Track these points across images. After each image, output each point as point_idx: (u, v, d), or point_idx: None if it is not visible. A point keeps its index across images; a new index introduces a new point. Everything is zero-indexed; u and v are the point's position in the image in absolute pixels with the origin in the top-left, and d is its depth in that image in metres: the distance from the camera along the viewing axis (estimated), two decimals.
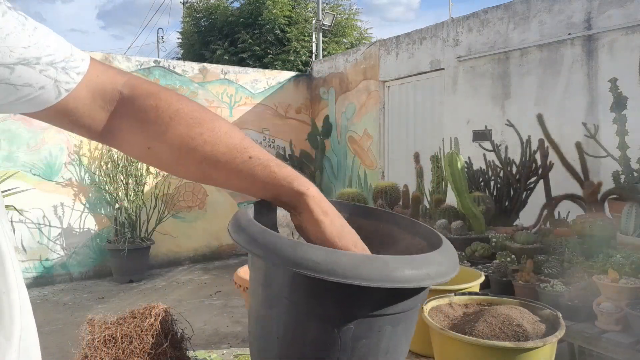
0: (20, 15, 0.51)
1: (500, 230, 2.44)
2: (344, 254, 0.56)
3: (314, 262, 0.53)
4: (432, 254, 0.62)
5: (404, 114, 5.53)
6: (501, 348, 0.87)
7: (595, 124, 2.49)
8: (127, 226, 5.42)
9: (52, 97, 0.54)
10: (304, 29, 10.00)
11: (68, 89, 0.55)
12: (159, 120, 0.60)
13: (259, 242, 0.57)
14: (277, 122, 6.80)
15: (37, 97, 0.53)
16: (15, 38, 0.49)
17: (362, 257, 0.56)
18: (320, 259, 0.53)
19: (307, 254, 0.54)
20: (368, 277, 0.53)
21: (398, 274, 0.54)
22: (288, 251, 0.54)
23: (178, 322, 1.76)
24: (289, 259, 0.54)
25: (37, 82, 0.52)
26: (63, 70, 0.54)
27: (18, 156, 5.07)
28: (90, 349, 1.54)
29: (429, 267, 0.58)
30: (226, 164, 0.62)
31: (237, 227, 0.62)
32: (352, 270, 0.53)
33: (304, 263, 0.53)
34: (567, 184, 2.49)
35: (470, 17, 4.62)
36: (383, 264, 0.55)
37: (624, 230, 1.86)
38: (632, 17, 3.40)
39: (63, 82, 0.54)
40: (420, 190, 2.93)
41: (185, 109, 0.61)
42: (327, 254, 0.54)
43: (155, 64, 5.94)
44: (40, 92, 0.53)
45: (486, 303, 1.09)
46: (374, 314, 0.58)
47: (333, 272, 0.52)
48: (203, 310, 4.34)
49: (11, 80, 0.50)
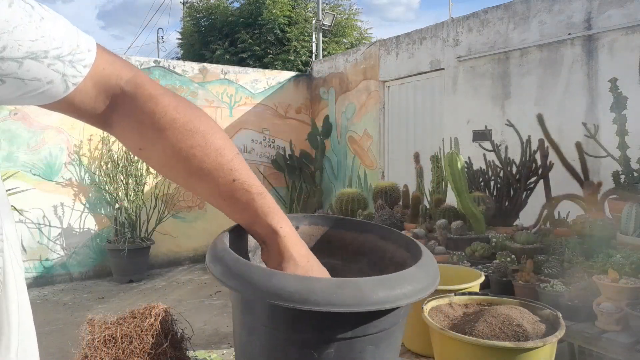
0: (27, 4, 0.50)
1: (500, 230, 2.44)
2: (317, 280, 0.56)
3: (288, 292, 0.53)
4: (408, 271, 0.62)
5: (404, 114, 5.53)
6: (501, 348, 0.87)
7: (595, 124, 2.49)
8: (127, 226, 5.42)
9: (60, 91, 0.54)
10: (304, 29, 10.00)
11: (75, 82, 0.55)
12: (154, 126, 0.60)
13: (233, 273, 0.57)
14: (277, 122, 6.80)
15: (45, 91, 0.53)
16: (22, 31, 0.49)
17: (335, 283, 0.56)
18: (294, 289, 0.53)
19: (281, 284, 0.54)
20: (342, 303, 0.53)
21: (372, 297, 0.54)
22: (262, 282, 0.54)
23: (178, 322, 1.76)
24: (262, 290, 0.54)
25: (45, 77, 0.52)
26: (70, 63, 0.54)
27: (18, 156, 5.07)
28: (90, 349, 1.54)
29: (403, 285, 0.58)
30: (210, 182, 0.63)
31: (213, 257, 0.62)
32: (326, 298, 0.53)
33: (278, 293, 0.53)
34: (567, 184, 2.49)
35: (470, 17, 4.62)
36: (356, 288, 0.55)
37: (624, 230, 1.86)
38: (632, 17, 3.40)
39: (70, 76, 0.54)
40: (420, 190, 2.93)
41: (181, 120, 0.61)
42: (301, 283, 0.55)
43: (155, 64, 5.94)
44: (48, 86, 0.53)
45: (486, 303, 1.09)
46: (353, 336, 0.57)
47: (307, 300, 0.52)
48: (203, 310, 4.34)
49: (19, 75, 0.50)
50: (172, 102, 0.62)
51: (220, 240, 0.65)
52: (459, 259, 2.04)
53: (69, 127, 5.31)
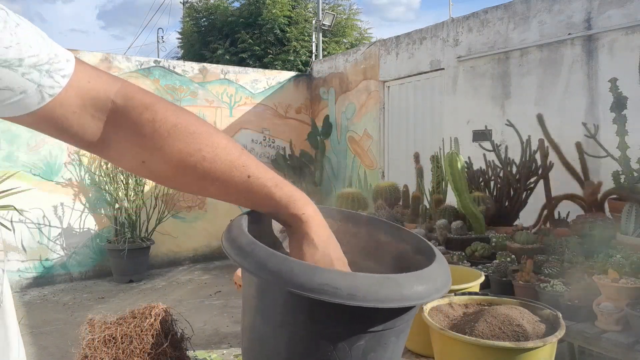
0: (2, 10, 0.48)
1: (500, 230, 2.44)
2: (360, 277, 0.56)
3: (333, 287, 0.53)
4: (434, 267, 0.63)
5: (404, 114, 5.53)
6: (501, 348, 0.87)
7: (595, 124, 2.49)
8: (127, 226, 5.42)
9: (34, 102, 0.51)
10: (304, 29, 10.00)
11: (52, 94, 0.52)
12: (156, 135, 0.58)
13: (268, 268, 0.55)
14: (277, 122, 6.80)
15: (17, 101, 0.50)
16: None
17: (377, 279, 0.56)
18: (340, 284, 0.53)
19: (326, 280, 0.53)
20: (385, 298, 0.54)
21: (410, 292, 0.56)
22: (305, 277, 0.53)
23: (178, 322, 1.76)
24: (306, 286, 0.53)
25: (18, 86, 0.49)
26: (47, 73, 0.51)
27: (18, 156, 5.07)
28: (90, 349, 1.54)
29: (435, 280, 0.60)
30: (224, 182, 0.61)
31: (239, 249, 0.60)
32: (371, 294, 0.53)
33: (323, 289, 0.53)
34: (567, 184, 2.49)
35: (470, 17, 4.62)
36: (396, 283, 0.56)
37: (624, 230, 1.86)
38: (632, 17, 3.40)
39: (47, 86, 0.51)
40: (420, 190, 2.93)
41: (183, 123, 0.59)
42: (345, 279, 0.54)
43: (155, 64, 5.94)
44: (21, 96, 0.50)
45: (486, 303, 1.09)
46: (384, 329, 0.59)
47: (353, 296, 0.53)
48: (203, 310, 4.34)
49: None
50: (169, 108, 0.60)
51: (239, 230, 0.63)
52: (459, 259, 2.04)
53: None
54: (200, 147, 0.59)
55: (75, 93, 0.54)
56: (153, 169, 0.61)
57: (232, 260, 0.59)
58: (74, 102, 0.54)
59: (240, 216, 0.67)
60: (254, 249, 0.58)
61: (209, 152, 0.60)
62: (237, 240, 0.61)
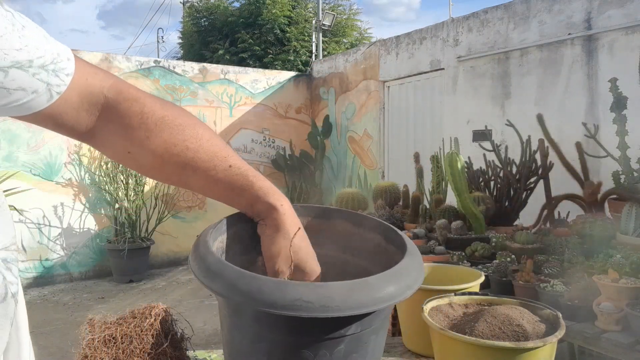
0: (8, 12, 0.49)
1: (500, 230, 2.44)
2: (331, 286, 0.55)
3: (305, 302, 0.52)
4: (405, 262, 0.63)
5: (404, 114, 5.53)
6: (501, 348, 0.87)
7: (595, 124, 2.49)
8: (127, 226, 5.42)
9: (43, 101, 0.53)
10: (304, 29, 10.01)
11: (59, 92, 0.54)
12: (143, 126, 0.61)
13: (238, 289, 0.54)
14: (277, 122, 6.80)
15: (29, 101, 0.52)
16: (7, 40, 0.48)
17: (348, 286, 0.55)
18: (312, 298, 0.52)
19: (297, 294, 0.52)
20: (358, 304, 0.53)
21: (383, 294, 0.55)
22: (275, 295, 0.52)
23: (178, 322, 1.76)
24: (278, 304, 0.52)
25: (30, 87, 0.51)
26: (54, 72, 0.53)
27: (18, 156, 5.07)
28: (90, 349, 1.54)
29: (407, 277, 0.60)
30: (206, 170, 0.63)
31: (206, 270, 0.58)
32: (343, 302, 0.52)
33: (295, 304, 0.52)
34: (567, 184, 2.48)
35: (470, 17, 4.62)
36: (368, 287, 0.55)
37: (624, 230, 1.86)
38: (632, 17, 3.40)
39: (54, 85, 0.53)
40: (420, 190, 2.93)
41: (170, 116, 0.62)
42: (317, 291, 0.53)
43: (155, 63, 5.94)
44: (32, 96, 0.52)
45: (486, 303, 1.09)
46: (362, 329, 0.58)
47: (328, 308, 0.52)
48: (203, 310, 4.34)
49: (5, 84, 0.49)
50: (157, 102, 0.63)
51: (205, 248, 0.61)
52: (459, 259, 2.04)
53: None
54: (184, 137, 0.62)
55: (76, 90, 0.57)
56: (138, 159, 0.63)
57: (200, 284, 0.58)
58: (75, 98, 0.57)
59: (206, 231, 0.66)
60: (222, 270, 0.57)
61: (193, 143, 0.62)
62: (205, 260, 0.59)
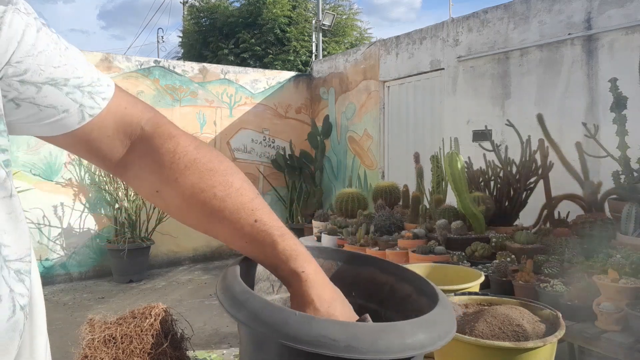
0: (53, 33, 0.50)
1: (500, 230, 2.44)
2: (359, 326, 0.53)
3: (331, 339, 0.49)
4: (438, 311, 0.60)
5: (404, 114, 5.53)
6: (501, 348, 0.87)
7: (595, 124, 2.49)
8: (127, 226, 5.42)
9: (74, 121, 0.53)
10: (304, 29, 10.01)
11: (92, 114, 0.54)
12: (174, 166, 0.59)
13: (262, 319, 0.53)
14: (277, 122, 6.80)
15: (58, 120, 0.52)
16: (47, 56, 0.49)
17: (378, 328, 0.53)
18: (338, 336, 0.50)
19: (323, 331, 0.50)
20: (386, 349, 0.51)
21: (412, 340, 0.53)
22: (300, 329, 0.50)
23: (178, 322, 1.76)
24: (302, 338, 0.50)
25: (61, 105, 0.51)
26: (89, 94, 0.53)
27: (18, 156, 5.07)
28: (90, 349, 1.54)
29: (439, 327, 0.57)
30: (231, 222, 0.60)
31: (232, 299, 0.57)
32: (371, 345, 0.50)
33: (320, 341, 0.49)
34: (567, 184, 2.48)
35: (470, 17, 4.62)
36: (398, 332, 0.53)
37: (624, 230, 1.86)
38: (632, 17, 3.39)
39: (88, 107, 0.53)
40: (420, 190, 2.93)
41: (202, 159, 0.60)
42: (344, 329, 0.51)
43: (155, 63, 5.94)
44: (63, 115, 0.52)
45: (486, 303, 1.09)
46: None
47: (352, 348, 0.49)
48: (203, 310, 4.34)
49: (36, 100, 0.49)
50: (192, 142, 0.61)
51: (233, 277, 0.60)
52: (459, 259, 2.04)
53: None
54: (214, 184, 0.59)
55: (113, 117, 0.56)
56: (166, 199, 0.61)
57: (225, 313, 0.57)
58: (110, 125, 0.56)
59: (235, 262, 0.65)
60: (247, 299, 0.55)
61: (221, 191, 0.59)
62: (231, 288, 0.58)
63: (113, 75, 5.61)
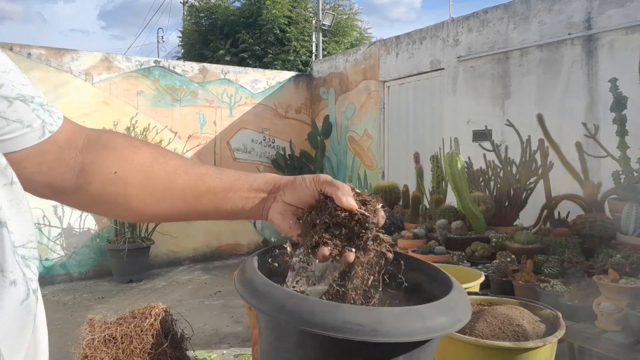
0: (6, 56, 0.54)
1: (500, 230, 2.44)
2: (384, 311, 0.54)
3: (356, 324, 0.51)
4: (454, 295, 0.62)
5: (404, 114, 5.53)
6: (501, 348, 0.87)
7: (595, 124, 2.49)
8: (127, 226, 5.42)
9: (35, 137, 0.56)
10: (304, 29, 10.01)
11: (52, 130, 0.58)
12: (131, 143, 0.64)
13: (287, 309, 0.54)
14: (277, 122, 6.80)
15: (21, 135, 0.54)
16: (15, 74, 0.52)
17: (400, 312, 0.55)
18: (363, 321, 0.51)
19: (348, 317, 0.52)
20: (410, 332, 0.52)
21: (435, 323, 0.55)
22: (326, 316, 0.52)
23: (178, 322, 1.76)
24: (328, 325, 0.51)
25: (27, 120, 0.54)
26: (49, 112, 0.57)
27: None
28: (90, 349, 1.54)
29: (457, 310, 0.59)
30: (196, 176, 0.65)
31: (254, 291, 0.58)
32: (396, 328, 0.52)
33: (346, 327, 0.51)
34: (567, 184, 2.48)
35: (470, 17, 4.62)
36: (420, 315, 0.55)
37: (624, 230, 1.86)
38: (632, 17, 3.40)
39: (48, 123, 0.57)
40: (420, 190, 2.93)
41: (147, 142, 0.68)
42: (369, 315, 0.52)
43: (155, 63, 5.93)
44: (26, 130, 0.54)
45: (486, 303, 1.09)
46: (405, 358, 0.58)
47: (377, 332, 0.51)
48: (203, 310, 4.34)
49: (6, 114, 0.51)
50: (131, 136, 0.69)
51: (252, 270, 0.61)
52: (459, 259, 2.04)
53: None
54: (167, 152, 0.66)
55: (64, 133, 0.60)
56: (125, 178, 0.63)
57: (248, 304, 0.58)
58: (61, 139, 0.60)
59: (251, 257, 0.66)
60: (270, 290, 0.57)
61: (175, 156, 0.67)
62: (252, 281, 0.60)
63: (113, 75, 5.61)
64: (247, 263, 0.65)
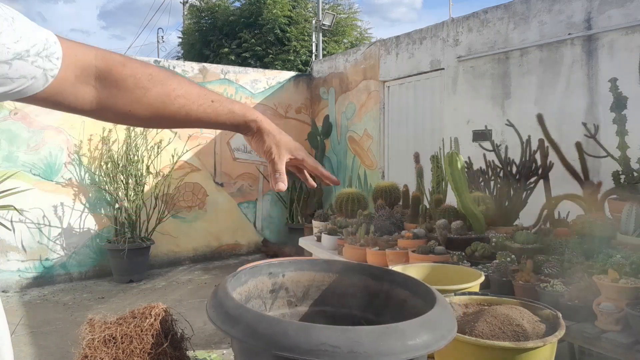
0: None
1: (500, 230, 2.44)
2: (360, 330, 0.51)
3: (332, 346, 0.48)
4: (437, 310, 0.59)
5: (404, 114, 5.53)
6: (501, 348, 0.87)
7: (595, 124, 2.49)
8: (127, 226, 5.41)
9: (40, 85, 0.58)
10: (304, 29, 10.01)
11: (53, 75, 0.59)
12: (139, 84, 0.68)
13: (259, 332, 0.51)
14: (277, 122, 6.74)
15: (28, 86, 0.56)
16: (7, 35, 0.52)
17: (379, 331, 0.52)
18: (339, 342, 0.49)
19: (324, 338, 0.49)
20: (389, 352, 0.49)
21: (417, 342, 0.52)
22: (300, 338, 0.49)
23: (178, 322, 1.76)
24: (302, 348, 0.48)
25: (30, 73, 0.55)
26: (47, 58, 0.58)
27: (18, 156, 5.07)
28: (90, 348, 1.54)
29: (440, 326, 0.56)
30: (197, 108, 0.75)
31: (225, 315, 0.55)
32: (373, 348, 0.49)
33: (321, 349, 0.48)
34: (567, 184, 2.48)
35: (470, 17, 4.62)
36: (399, 333, 0.52)
37: (624, 230, 1.86)
38: (632, 17, 3.39)
39: (49, 69, 0.58)
40: (420, 190, 2.93)
41: (154, 72, 0.71)
42: (345, 335, 0.50)
43: (155, 63, 5.93)
44: (32, 81, 0.56)
45: (486, 303, 1.09)
46: None
47: (354, 354, 0.48)
48: (203, 310, 4.33)
49: (9, 75, 0.53)
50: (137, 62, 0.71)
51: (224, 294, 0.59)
52: (459, 259, 2.04)
53: (69, 126, 5.31)
54: (173, 86, 0.73)
55: (69, 69, 0.61)
56: (138, 114, 0.71)
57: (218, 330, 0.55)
58: (69, 76, 0.62)
59: (225, 279, 0.65)
60: (241, 314, 0.54)
61: (181, 89, 0.73)
62: (223, 305, 0.57)
63: None
64: (220, 285, 0.63)
